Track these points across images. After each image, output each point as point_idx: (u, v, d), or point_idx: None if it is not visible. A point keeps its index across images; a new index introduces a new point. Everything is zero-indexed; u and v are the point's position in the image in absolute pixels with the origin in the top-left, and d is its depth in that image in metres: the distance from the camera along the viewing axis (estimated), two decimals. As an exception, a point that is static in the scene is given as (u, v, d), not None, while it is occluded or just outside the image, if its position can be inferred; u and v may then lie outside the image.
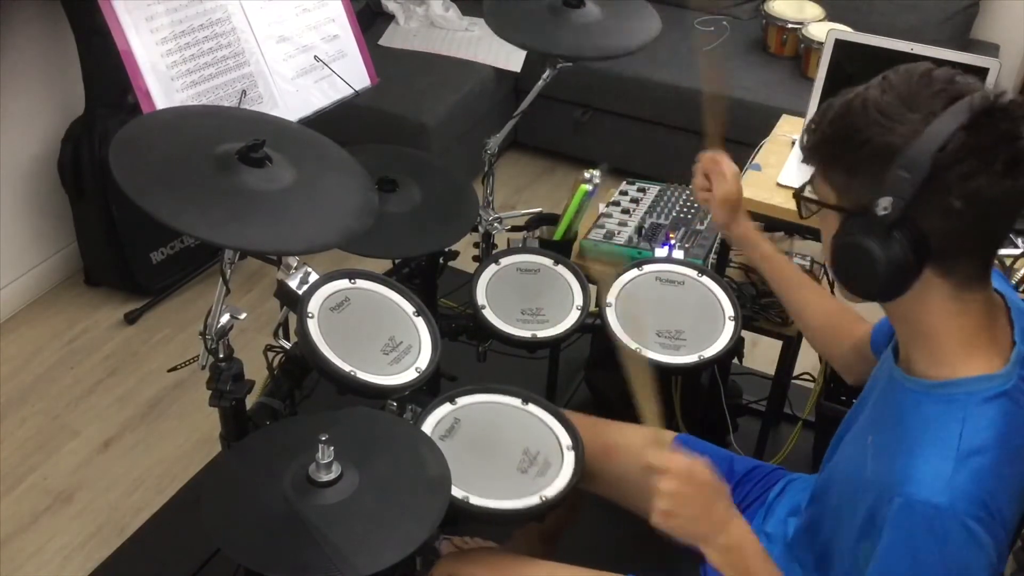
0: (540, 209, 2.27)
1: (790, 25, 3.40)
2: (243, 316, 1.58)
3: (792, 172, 2.10)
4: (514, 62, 3.45)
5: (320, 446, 1.31)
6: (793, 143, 2.20)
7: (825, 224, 1.19)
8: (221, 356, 1.58)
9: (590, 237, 2.23)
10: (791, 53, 3.43)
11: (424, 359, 1.63)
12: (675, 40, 3.44)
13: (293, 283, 1.66)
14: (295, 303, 1.61)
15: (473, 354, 1.98)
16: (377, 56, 2.14)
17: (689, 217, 2.28)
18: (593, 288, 1.94)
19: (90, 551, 2.25)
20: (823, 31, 2.64)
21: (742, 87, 3.27)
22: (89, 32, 2.59)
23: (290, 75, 1.97)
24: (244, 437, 1.64)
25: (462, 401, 1.65)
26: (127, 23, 1.75)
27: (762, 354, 2.53)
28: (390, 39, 3.58)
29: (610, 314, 1.81)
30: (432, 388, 1.98)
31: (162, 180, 1.33)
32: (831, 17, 3.41)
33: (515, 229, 2.18)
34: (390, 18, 3.70)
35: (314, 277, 1.66)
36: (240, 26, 1.91)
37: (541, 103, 2.19)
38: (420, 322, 1.69)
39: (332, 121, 1.90)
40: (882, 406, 1.24)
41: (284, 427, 1.63)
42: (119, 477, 2.43)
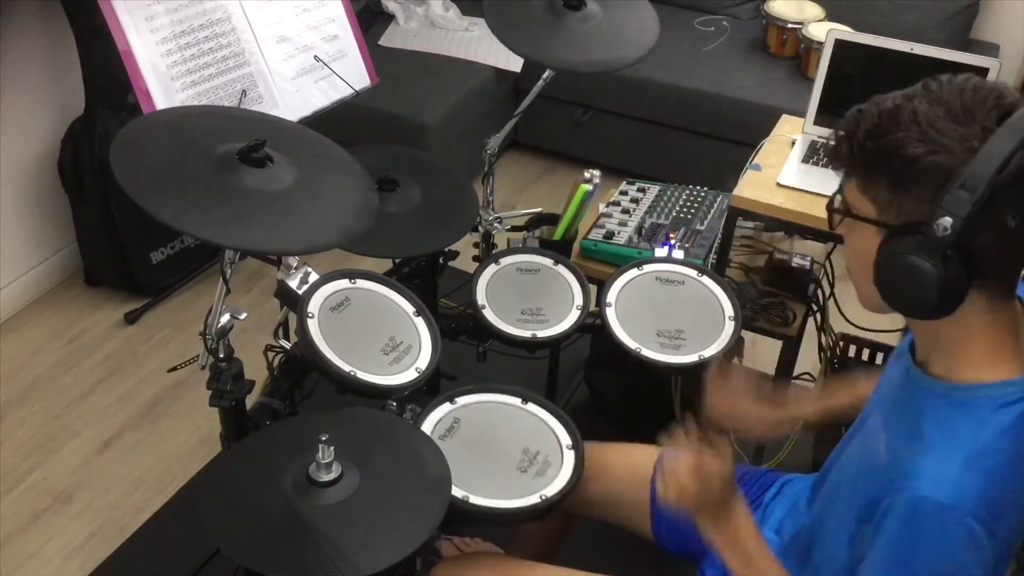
0: (540, 209, 2.27)
1: (790, 25, 3.40)
2: (243, 316, 1.58)
3: (792, 172, 2.10)
4: (514, 62, 3.45)
5: (320, 446, 1.31)
6: (793, 143, 2.20)
7: (856, 235, 1.15)
8: (221, 356, 1.58)
9: (590, 237, 2.23)
10: (791, 53, 3.43)
11: (424, 359, 1.63)
12: (675, 40, 3.44)
13: (293, 283, 1.66)
14: (295, 303, 1.61)
15: (473, 354, 1.98)
16: (377, 56, 2.14)
17: (689, 217, 2.28)
18: (593, 288, 1.94)
19: (90, 551, 2.25)
20: (823, 31, 2.64)
21: (742, 87, 3.27)
22: (89, 32, 2.59)
23: (290, 75, 1.97)
24: (244, 437, 1.65)
25: (462, 401, 1.66)
26: (127, 23, 1.74)
27: (762, 354, 2.52)
28: (390, 39, 3.58)
29: (610, 314, 1.81)
30: (432, 388, 1.98)
31: (162, 180, 1.33)
32: (831, 17, 3.40)
33: (515, 229, 2.18)
34: (390, 18, 3.69)
35: (314, 277, 1.66)
36: (240, 26, 1.91)
37: (541, 103, 2.19)
38: (420, 322, 1.69)
39: (332, 121, 1.90)
40: (898, 404, 1.23)
41: (284, 427, 1.63)
42: (119, 477, 2.43)
